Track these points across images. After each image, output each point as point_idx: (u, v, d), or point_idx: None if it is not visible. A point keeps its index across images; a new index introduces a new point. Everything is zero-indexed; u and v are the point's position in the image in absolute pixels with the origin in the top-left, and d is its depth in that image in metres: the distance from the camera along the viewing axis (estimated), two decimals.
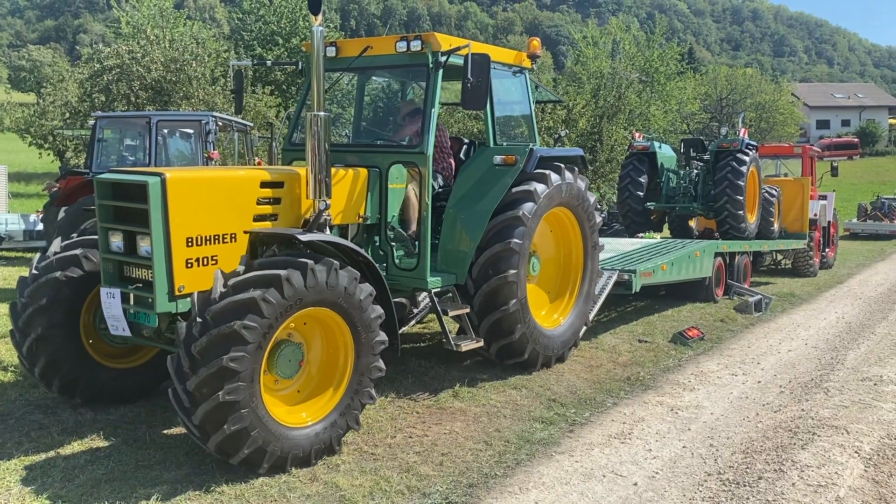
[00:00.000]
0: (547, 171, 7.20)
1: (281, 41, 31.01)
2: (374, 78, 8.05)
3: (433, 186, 6.82)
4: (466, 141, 8.13)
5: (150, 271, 4.99)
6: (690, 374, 7.81)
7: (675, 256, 10.44)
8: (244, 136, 12.14)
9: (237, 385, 4.48)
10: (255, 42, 31.50)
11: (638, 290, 9.40)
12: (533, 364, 7.35)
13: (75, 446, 5.26)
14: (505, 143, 7.30)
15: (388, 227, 6.60)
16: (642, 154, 14.70)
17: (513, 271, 6.80)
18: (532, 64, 7.65)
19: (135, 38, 24.12)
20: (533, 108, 7.80)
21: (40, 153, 28.92)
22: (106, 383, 5.89)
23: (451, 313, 6.83)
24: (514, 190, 6.97)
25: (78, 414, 5.82)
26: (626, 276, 9.21)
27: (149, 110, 19.16)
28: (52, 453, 5.13)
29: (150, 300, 5.02)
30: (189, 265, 5.02)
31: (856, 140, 70.61)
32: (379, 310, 5.35)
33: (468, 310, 6.95)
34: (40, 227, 13.68)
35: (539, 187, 7.06)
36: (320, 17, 5.37)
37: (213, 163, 10.54)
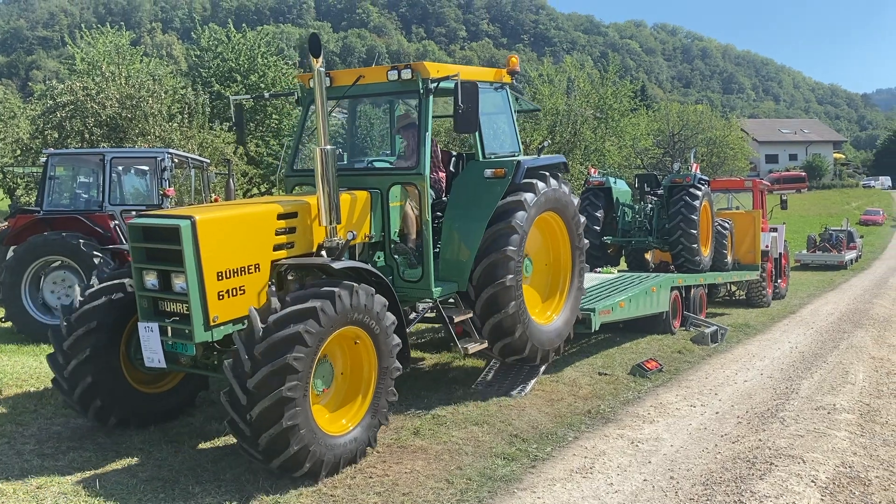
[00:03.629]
0: (534, 181, 7.68)
1: (239, 78, 30.93)
2: (362, 103, 8.39)
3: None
4: (454, 153, 8.50)
5: (185, 305, 5.43)
6: (650, 406, 7.86)
7: (632, 293, 10.51)
8: (201, 172, 12.02)
9: (296, 383, 4.97)
10: (212, 79, 31.35)
11: (597, 329, 9.46)
12: (533, 359, 7.91)
13: (21, 497, 5.03)
14: (493, 157, 7.71)
15: (392, 243, 7.07)
16: (598, 189, 14.96)
17: (510, 276, 7.29)
18: (511, 79, 8.10)
19: (89, 74, 23.82)
20: (515, 119, 8.26)
21: None
22: (136, 407, 6.21)
23: (457, 319, 7.35)
24: (505, 200, 7.43)
25: (24, 461, 5.60)
26: (584, 315, 9.25)
27: (103, 147, 18.86)
28: None
29: (187, 331, 5.45)
30: (220, 297, 5.47)
31: (803, 174, 73.03)
32: (397, 339, 5.93)
33: (471, 314, 7.46)
34: None
35: (528, 196, 7.54)
36: (321, 59, 5.78)
37: (169, 200, 10.41)
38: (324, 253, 6.11)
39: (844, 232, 32.25)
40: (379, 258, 7.14)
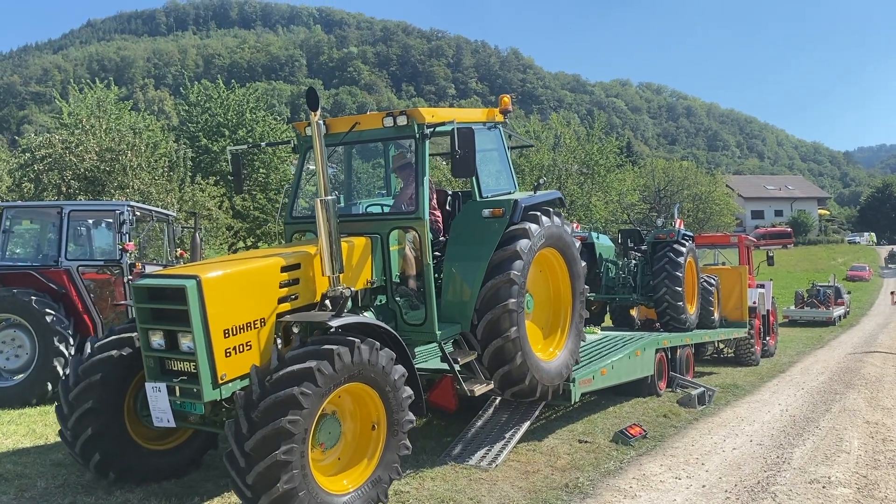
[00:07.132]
0: (537, 213, 7.69)
1: (227, 132, 30.82)
2: (357, 148, 8.33)
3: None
4: (450, 192, 8.39)
5: (193, 364, 5.31)
6: (632, 478, 7.30)
7: (615, 359, 9.89)
8: (166, 226, 11.60)
9: (292, 446, 4.86)
10: (200, 133, 31.22)
11: (577, 401, 8.90)
12: (533, 393, 7.67)
13: None
14: (490, 196, 7.62)
15: (395, 287, 6.97)
16: (581, 244, 14.61)
17: (512, 300, 7.15)
18: (504, 118, 8.13)
19: (73, 127, 23.54)
20: (509, 156, 8.28)
21: None
22: (139, 463, 6.10)
23: (462, 361, 7.21)
24: (508, 230, 7.35)
25: None
26: (564, 387, 8.45)
27: (80, 199, 18.50)
28: None
29: (195, 390, 5.34)
30: (228, 354, 5.36)
31: (789, 230, 73.49)
32: (409, 390, 5.82)
33: (476, 355, 7.34)
34: None
35: (533, 227, 7.49)
36: (319, 112, 5.83)
37: (128, 254, 9.95)
38: (328, 303, 6.06)
39: (832, 288, 32.07)
40: (381, 301, 7.02)
